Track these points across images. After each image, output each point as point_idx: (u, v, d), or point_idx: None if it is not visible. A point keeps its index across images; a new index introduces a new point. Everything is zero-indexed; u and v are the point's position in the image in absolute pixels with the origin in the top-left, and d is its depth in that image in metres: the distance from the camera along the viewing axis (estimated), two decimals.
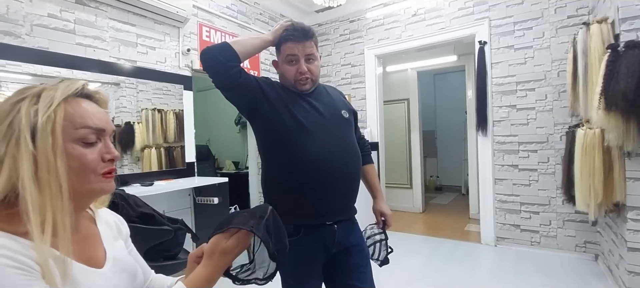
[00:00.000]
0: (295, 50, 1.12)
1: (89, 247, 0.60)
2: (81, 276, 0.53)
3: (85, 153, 0.54)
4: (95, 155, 0.55)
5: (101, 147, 0.56)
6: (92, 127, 0.55)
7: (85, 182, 0.54)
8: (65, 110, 0.53)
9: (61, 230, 0.49)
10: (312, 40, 1.14)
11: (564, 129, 2.74)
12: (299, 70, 1.12)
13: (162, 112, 2.69)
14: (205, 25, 3.02)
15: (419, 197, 4.61)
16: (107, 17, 2.36)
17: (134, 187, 2.25)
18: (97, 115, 0.57)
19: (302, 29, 1.13)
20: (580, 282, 2.32)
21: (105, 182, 0.57)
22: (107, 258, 0.61)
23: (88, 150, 0.54)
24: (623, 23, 1.97)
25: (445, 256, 2.95)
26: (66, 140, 0.52)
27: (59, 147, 0.50)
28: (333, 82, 4.09)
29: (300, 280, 1.14)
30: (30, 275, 0.45)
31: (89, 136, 0.55)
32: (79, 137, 0.53)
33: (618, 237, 2.14)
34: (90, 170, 0.54)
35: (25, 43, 1.96)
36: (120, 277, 0.60)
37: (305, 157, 1.07)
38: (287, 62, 1.14)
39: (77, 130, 0.53)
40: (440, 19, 3.37)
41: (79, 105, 0.55)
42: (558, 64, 2.80)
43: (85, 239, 0.60)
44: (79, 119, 0.54)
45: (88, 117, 0.55)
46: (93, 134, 0.55)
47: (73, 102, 0.55)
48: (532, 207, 2.96)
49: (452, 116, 5.95)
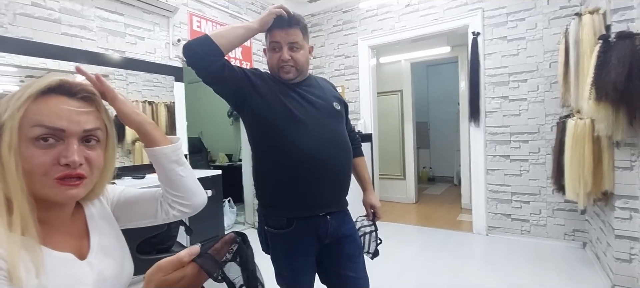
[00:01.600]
0: (278, 37, 1.10)
1: (73, 236, 0.59)
2: (61, 267, 0.52)
3: (34, 155, 0.50)
4: (48, 157, 0.51)
5: (61, 149, 0.52)
6: (47, 125, 0.50)
7: (37, 186, 0.51)
8: (28, 107, 0.50)
9: (30, 227, 0.48)
10: (298, 28, 1.10)
11: (555, 119, 2.77)
12: (281, 58, 1.10)
13: (153, 104, 2.64)
14: (195, 15, 2.96)
15: (412, 188, 4.65)
16: (94, 6, 2.29)
17: (126, 180, 2.22)
18: (61, 113, 0.52)
19: (289, 16, 1.10)
20: (568, 269, 2.37)
21: (59, 188, 0.52)
22: (90, 247, 0.59)
23: (40, 152, 0.50)
24: (614, 14, 1.98)
25: (437, 245, 2.99)
26: (22, 138, 0.49)
27: (13, 145, 0.48)
28: (326, 73, 4.06)
29: (294, 272, 1.14)
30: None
31: (45, 136, 0.50)
32: (33, 136, 0.50)
33: (606, 225, 2.19)
34: (39, 174, 0.50)
35: (8, 33, 1.89)
36: (106, 265, 0.59)
37: (297, 149, 1.06)
38: (271, 49, 1.13)
39: (31, 129, 0.50)
40: (433, 10, 3.35)
41: (45, 102, 0.51)
42: (550, 55, 2.82)
43: (70, 229, 0.59)
44: (35, 117, 0.50)
45: (46, 115, 0.51)
46: (49, 134, 0.51)
47: (41, 99, 0.51)
48: (523, 196, 3.01)
49: (445, 107, 5.99)
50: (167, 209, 0.72)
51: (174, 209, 0.72)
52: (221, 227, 2.69)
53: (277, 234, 1.12)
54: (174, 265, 0.46)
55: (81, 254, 0.57)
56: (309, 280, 1.16)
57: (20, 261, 0.45)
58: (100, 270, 0.58)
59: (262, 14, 1.09)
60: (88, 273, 0.56)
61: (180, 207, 0.72)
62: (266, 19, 1.07)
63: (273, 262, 1.17)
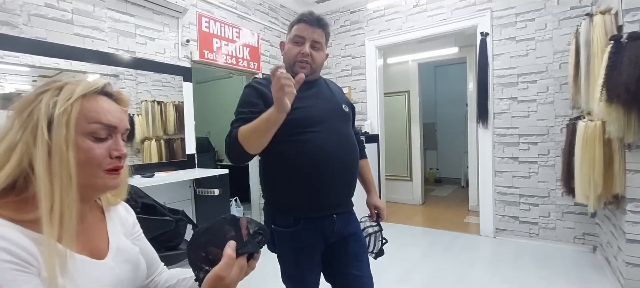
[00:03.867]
0: (304, 32, 1.12)
1: (93, 236, 0.61)
2: (83, 267, 0.54)
3: (93, 148, 0.55)
4: (103, 150, 0.56)
5: (110, 144, 0.58)
6: (104, 123, 0.56)
7: (90, 175, 0.56)
8: (82, 104, 0.55)
9: (67, 220, 0.50)
10: (323, 30, 1.15)
11: (565, 121, 2.74)
12: (301, 52, 1.12)
13: (161, 104, 2.68)
14: (204, 16, 2.99)
15: (419, 189, 4.62)
16: (105, 7, 2.33)
17: (135, 179, 2.25)
18: (112, 112, 0.58)
19: (318, 17, 1.15)
20: (578, 274, 2.34)
21: (109, 178, 0.58)
22: (110, 248, 0.61)
23: (97, 145, 0.56)
24: (626, 14, 1.95)
25: (444, 247, 2.97)
26: (78, 133, 0.54)
27: (71, 139, 0.52)
28: (333, 73, 4.07)
29: (301, 270, 1.15)
30: (27, 271, 0.45)
31: (100, 132, 0.56)
32: (90, 131, 0.55)
33: (617, 228, 2.15)
34: (95, 165, 0.56)
35: (22, 33, 1.94)
36: (123, 268, 0.61)
37: (306, 151, 1.07)
38: (293, 42, 1.14)
39: (89, 125, 0.55)
40: (441, 10, 3.33)
41: (96, 102, 0.57)
42: (560, 56, 2.78)
43: (91, 229, 0.61)
44: (93, 114, 0.56)
45: (102, 113, 0.57)
46: (104, 130, 0.57)
47: (92, 98, 0.57)
48: (532, 199, 2.97)
49: (453, 108, 5.94)
50: (155, 284, 0.72)
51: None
52: None
53: (284, 232, 1.13)
54: (230, 265, 0.54)
55: (96, 255, 0.58)
56: (314, 278, 1.16)
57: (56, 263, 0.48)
58: (117, 272, 0.59)
59: (275, 96, 0.88)
60: (106, 274, 0.57)
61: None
62: (282, 101, 0.88)
63: (279, 260, 1.18)
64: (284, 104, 0.87)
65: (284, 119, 0.92)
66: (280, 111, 0.89)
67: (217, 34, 3.10)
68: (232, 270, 0.54)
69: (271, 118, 0.92)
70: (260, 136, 0.98)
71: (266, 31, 3.65)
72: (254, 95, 1.12)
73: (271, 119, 0.92)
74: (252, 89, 1.13)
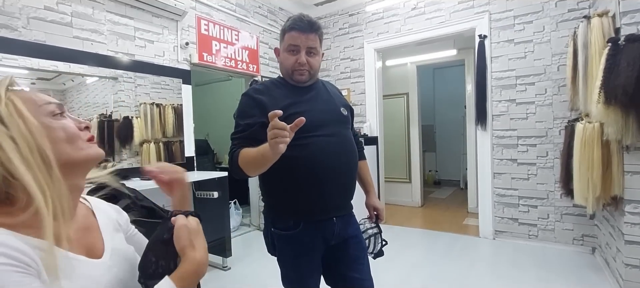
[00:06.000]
0: (298, 41, 1.11)
1: (87, 237, 0.60)
2: (81, 267, 0.53)
3: (65, 123, 0.55)
4: (72, 124, 0.56)
5: (71, 120, 0.57)
6: (52, 102, 0.55)
7: (77, 148, 0.55)
8: (19, 96, 0.52)
9: (60, 204, 0.49)
10: (317, 34, 1.13)
11: (563, 123, 2.75)
12: (298, 61, 1.12)
13: (160, 107, 2.67)
14: (203, 19, 3.00)
15: (418, 191, 4.63)
16: (105, 10, 2.33)
17: (134, 181, 2.24)
18: (46, 96, 0.57)
19: (309, 21, 1.12)
20: (577, 275, 2.34)
21: (94, 146, 0.58)
22: (105, 248, 0.61)
23: (63, 121, 0.55)
24: (624, 16, 1.96)
25: (443, 249, 2.97)
26: (39, 117, 0.52)
27: (32, 124, 0.50)
28: (332, 76, 4.08)
29: (301, 273, 1.14)
30: (26, 273, 0.45)
31: (55, 109, 0.55)
32: (48, 112, 0.54)
33: (615, 230, 2.15)
34: (77, 136, 0.55)
35: (21, 36, 1.94)
36: (121, 267, 0.61)
37: (306, 155, 1.07)
38: (288, 51, 1.14)
39: (41, 107, 0.53)
40: (440, 13, 3.35)
41: (24, 92, 0.55)
42: (558, 58, 2.80)
43: (84, 230, 0.60)
44: (36, 98, 0.54)
45: (41, 95, 0.55)
46: (56, 107, 0.55)
47: (17, 91, 0.54)
48: (531, 200, 2.98)
49: (451, 110, 5.96)
50: None
51: None
52: (227, 228, 2.71)
53: (284, 235, 1.13)
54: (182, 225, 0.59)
55: (93, 254, 0.58)
56: (314, 281, 1.16)
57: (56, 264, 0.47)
58: (116, 271, 0.59)
59: (270, 142, 0.89)
60: (105, 274, 0.57)
61: None
62: (276, 148, 0.89)
63: (279, 263, 1.18)
64: (277, 150, 0.89)
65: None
66: (275, 154, 0.91)
67: (216, 37, 3.10)
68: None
69: (267, 155, 0.94)
70: (258, 167, 1.03)
71: (265, 34, 3.66)
72: (250, 105, 1.12)
73: (267, 156, 0.94)
74: (249, 99, 1.14)
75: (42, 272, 0.47)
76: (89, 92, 2.30)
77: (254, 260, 2.83)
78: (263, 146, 0.96)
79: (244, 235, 3.56)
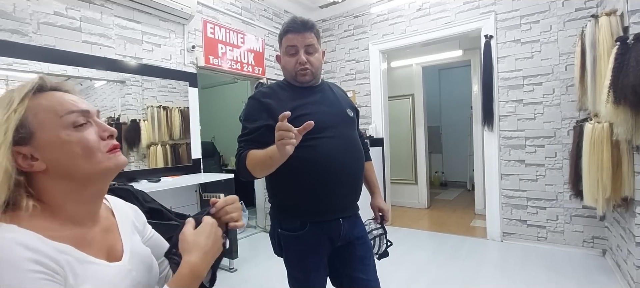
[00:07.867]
0: (295, 41, 1.12)
1: (108, 238, 0.60)
2: (101, 271, 0.54)
3: (84, 136, 0.54)
4: (93, 135, 0.55)
5: (95, 128, 0.56)
6: (76, 110, 0.54)
7: (94, 162, 0.54)
8: (39, 104, 0.52)
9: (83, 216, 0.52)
10: (312, 32, 1.13)
11: (572, 123, 2.71)
12: (298, 61, 1.12)
13: (167, 110, 2.70)
14: (209, 22, 3.02)
15: (424, 193, 4.60)
16: (113, 15, 2.37)
17: (142, 183, 2.27)
18: (75, 100, 0.56)
19: (302, 21, 1.13)
20: (587, 278, 2.30)
21: (114, 157, 0.57)
22: (124, 250, 0.61)
23: (84, 133, 0.54)
24: (632, 15, 1.93)
25: (450, 251, 2.95)
26: (57, 130, 0.52)
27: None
28: (337, 77, 4.08)
29: (307, 274, 1.14)
30: (55, 282, 0.46)
31: (78, 119, 0.54)
32: (69, 123, 0.53)
33: (626, 232, 2.12)
34: (95, 150, 0.54)
35: (32, 41, 1.98)
36: (139, 270, 0.61)
37: (313, 157, 1.07)
38: (287, 54, 1.14)
39: (63, 118, 0.52)
40: (445, 13, 3.33)
41: (52, 97, 0.54)
42: (566, 58, 2.77)
43: (105, 231, 0.61)
44: (59, 107, 0.53)
45: (67, 103, 0.54)
46: (80, 116, 0.54)
47: (43, 96, 0.54)
48: (539, 202, 2.94)
49: (458, 111, 5.91)
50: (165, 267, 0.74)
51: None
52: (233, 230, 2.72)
53: (291, 236, 1.13)
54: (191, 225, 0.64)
55: (113, 257, 0.59)
56: (321, 282, 1.16)
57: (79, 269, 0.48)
58: (134, 274, 0.59)
59: (277, 144, 0.90)
60: (124, 277, 0.57)
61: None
62: (283, 149, 0.90)
63: (286, 264, 1.18)
64: (285, 152, 0.90)
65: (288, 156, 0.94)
66: (282, 156, 0.92)
67: (222, 40, 3.13)
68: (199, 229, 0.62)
69: (275, 157, 0.95)
70: (265, 169, 1.04)
71: (270, 36, 3.68)
72: (257, 108, 1.13)
73: (275, 158, 0.95)
74: (255, 102, 1.15)
75: (68, 277, 0.48)
76: (97, 96, 2.33)
77: (260, 261, 2.84)
78: (271, 148, 0.96)
79: (250, 237, 3.57)
